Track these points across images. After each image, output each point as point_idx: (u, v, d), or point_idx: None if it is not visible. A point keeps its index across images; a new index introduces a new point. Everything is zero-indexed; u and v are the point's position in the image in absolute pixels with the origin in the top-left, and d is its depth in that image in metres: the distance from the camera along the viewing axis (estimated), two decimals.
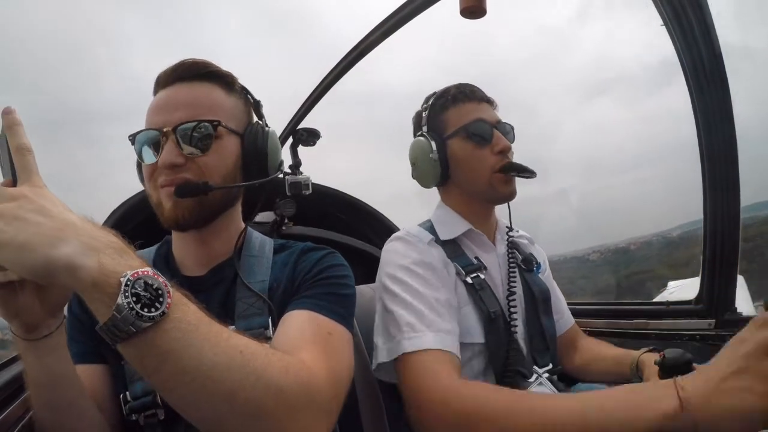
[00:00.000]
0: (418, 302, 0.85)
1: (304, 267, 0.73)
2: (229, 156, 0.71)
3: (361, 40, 1.30)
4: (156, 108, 0.70)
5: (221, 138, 0.70)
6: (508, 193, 0.99)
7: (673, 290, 2.32)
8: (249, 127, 0.75)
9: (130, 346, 0.42)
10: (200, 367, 0.44)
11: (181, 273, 0.75)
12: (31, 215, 0.41)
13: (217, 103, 0.72)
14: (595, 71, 49.75)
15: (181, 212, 0.68)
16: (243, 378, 0.46)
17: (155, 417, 0.66)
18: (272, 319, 0.68)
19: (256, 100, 0.80)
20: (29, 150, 0.47)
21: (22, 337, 0.52)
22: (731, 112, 1.09)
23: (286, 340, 0.60)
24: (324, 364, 0.56)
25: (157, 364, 0.43)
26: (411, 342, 0.81)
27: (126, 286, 0.41)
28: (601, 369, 1.07)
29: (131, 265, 0.43)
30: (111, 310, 0.40)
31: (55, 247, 0.40)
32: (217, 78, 0.74)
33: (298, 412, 0.50)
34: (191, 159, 0.68)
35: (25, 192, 0.43)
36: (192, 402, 0.46)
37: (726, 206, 1.15)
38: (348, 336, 0.67)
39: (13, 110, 0.47)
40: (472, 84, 1.04)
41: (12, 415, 0.77)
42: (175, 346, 0.43)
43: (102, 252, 0.42)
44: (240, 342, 0.48)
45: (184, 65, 0.72)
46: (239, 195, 0.78)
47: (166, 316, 0.43)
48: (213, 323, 0.47)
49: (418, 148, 1.02)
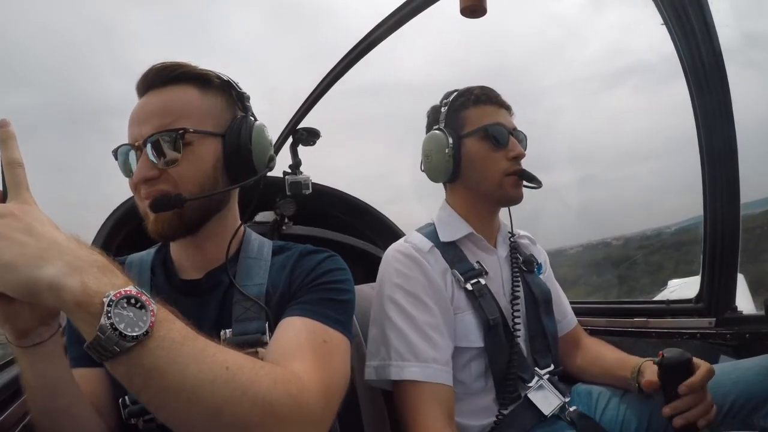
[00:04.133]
0: (410, 329, 0.88)
1: (302, 271, 0.72)
2: (205, 161, 0.68)
3: (362, 39, 1.29)
4: (130, 121, 0.69)
5: (192, 144, 0.67)
6: (516, 196, 1.01)
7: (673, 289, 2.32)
8: (231, 125, 0.71)
9: (117, 365, 0.42)
10: (185, 384, 0.44)
11: (179, 276, 0.75)
12: (18, 234, 0.41)
13: (188, 107, 0.68)
14: (609, 61, 48.78)
15: (161, 226, 0.67)
16: (229, 393, 0.46)
17: (154, 421, 0.66)
18: (269, 324, 0.68)
19: (241, 92, 0.75)
20: (20, 164, 0.47)
21: (14, 344, 0.52)
22: (731, 112, 1.09)
23: (280, 349, 0.60)
24: (316, 375, 0.56)
25: (143, 381, 0.43)
26: (398, 371, 0.86)
27: (109, 306, 0.41)
28: (602, 371, 1.07)
29: (114, 284, 0.43)
30: (95, 330, 0.41)
31: (39, 267, 0.40)
32: (190, 79, 0.70)
33: (287, 425, 0.50)
34: (165, 170, 0.66)
35: (12, 210, 0.43)
36: (179, 418, 0.46)
37: (726, 205, 1.15)
38: (345, 343, 0.66)
39: (8, 123, 0.48)
40: (493, 88, 1.06)
41: (12, 416, 0.77)
42: (160, 363, 0.43)
43: (85, 272, 0.42)
44: (227, 357, 0.48)
45: (152, 72, 0.69)
46: (228, 198, 0.75)
47: (149, 335, 0.43)
48: (198, 339, 0.47)
49: (434, 141, 1.02)
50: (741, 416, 0.84)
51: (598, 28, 35.08)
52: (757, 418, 0.82)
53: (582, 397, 1.06)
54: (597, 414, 1.00)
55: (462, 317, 0.93)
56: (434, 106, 1.09)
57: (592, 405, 1.03)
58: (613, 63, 31.14)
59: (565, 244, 3.13)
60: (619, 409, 0.98)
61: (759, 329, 1.11)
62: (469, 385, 0.93)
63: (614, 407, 0.99)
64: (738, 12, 1.13)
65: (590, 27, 32.94)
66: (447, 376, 0.87)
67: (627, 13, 3.42)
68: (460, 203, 1.06)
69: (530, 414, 0.93)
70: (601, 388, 1.05)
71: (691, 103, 1.14)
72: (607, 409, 1.00)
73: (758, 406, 0.83)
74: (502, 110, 1.03)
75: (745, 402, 0.84)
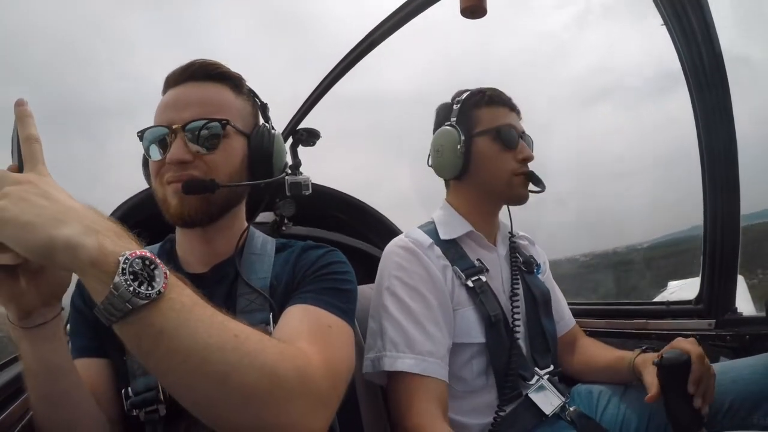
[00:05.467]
0: (407, 321, 0.88)
1: (305, 264, 0.73)
2: (236, 155, 0.72)
3: (360, 41, 1.30)
4: (165, 106, 0.71)
5: (229, 137, 0.71)
6: (523, 195, 1.03)
7: (673, 290, 2.31)
8: (256, 129, 0.76)
9: (126, 325, 0.43)
10: (194, 347, 0.44)
11: (184, 270, 0.76)
12: (36, 198, 0.42)
13: (226, 103, 0.73)
14: (593, 77, 49.22)
15: (187, 209, 0.69)
16: (237, 360, 0.46)
17: (156, 413, 0.66)
18: (273, 315, 0.68)
19: (263, 102, 0.81)
20: (37, 140, 0.49)
21: (16, 324, 0.53)
22: (731, 112, 1.09)
23: (285, 332, 0.60)
24: (321, 354, 0.56)
25: (152, 343, 0.43)
26: (391, 361, 0.86)
27: (124, 265, 0.42)
28: (599, 370, 1.07)
29: (129, 247, 0.44)
30: (108, 287, 0.41)
31: (56, 227, 0.41)
32: (227, 79, 0.75)
33: (293, 398, 0.49)
34: (199, 156, 0.68)
35: (30, 178, 0.45)
36: (186, 384, 0.46)
37: (726, 206, 1.15)
38: (348, 330, 0.67)
39: (25, 102, 0.50)
40: (504, 92, 1.07)
41: (12, 416, 0.77)
42: (170, 325, 0.43)
43: (102, 234, 0.43)
44: (235, 326, 0.49)
45: (195, 65, 0.73)
46: (244, 194, 0.79)
47: (161, 295, 0.43)
48: (208, 306, 0.48)
49: (446, 137, 1.03)
50: (739, 415, 0.84)
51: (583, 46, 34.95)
52: (755, 417, 0.82)
53: (582, 397, 1.06)
54: (597, 413, 1.00)
55: (463, 313, 0.93)
56: (445, 103, 1.10)
57: (593, 404, 1.03)
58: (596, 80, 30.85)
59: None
60: (619, 408, 0.98)
61: (759, 331, 1.11)
62: (470, 383, 0.93)
63: (614, 406, 0.99)
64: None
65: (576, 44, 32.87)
66: (442, 371, 0.87)
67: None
68: (463, 201, 1.06)
69: (531, 413, 0.93)
70: (601, 387, 1.05)
71: (691, 103, 1.14)
72: (608, 409, 1.00)
73: (756, 404, 0.83)
74: (513, 113, 1.05)
75: (744, 401, 0.84)
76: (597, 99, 31.95)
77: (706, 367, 0.84)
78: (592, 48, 23.56)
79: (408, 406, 0.84)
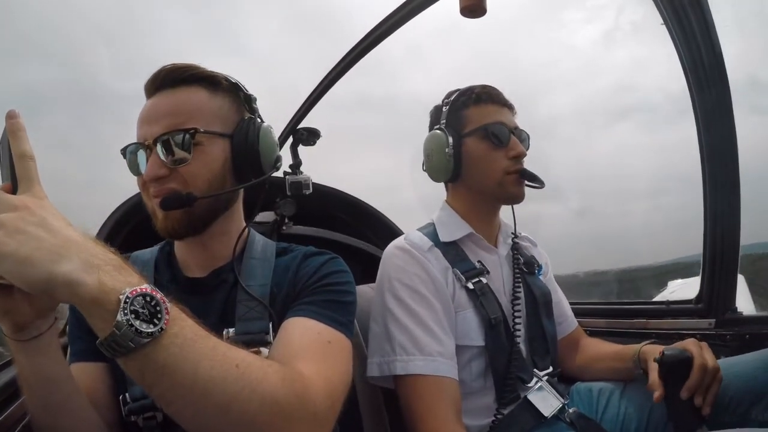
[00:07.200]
0: (413, 323, 0.88)
1: (305, 272, 0.73)
2: (215, 161, 0.70)
3: (362, 39, 1.29)
4: (139, 120, 0.70)
5: (202, 144, 0.68)
6: (517, 194, 1.01)
7: (673, 290, 2.31)
8: (238, 127, 0.72)
9: (130, 361, 0.43)
10: (196, 381, 0.45)
11: (183, 274, 0.76)
12: (33, 228, 0.41)
13: (198, 108, 0.70)
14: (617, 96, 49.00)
15: (171, 223, 0.68)
16: (238, 391, 0.47)
17: (154, 419, 0.66)
18: (273, 324, 0.68)
19: (248, 95, 0.77)
20: (32, 157, 0.47)
21: (11, 338, 0.53)
22: (731, 112, 1.09)
23: (285, 349, 0.60)
24: (321, 374, 0.57)
25: (155, 378, 0.44)
26: (403, 365, 0.86)
27: (125, 303, 0.42)
28: (603, 366, 1.07)
29: (130, 282, 0.44)
30: (111, 326, 0.41)
31: (55, 263, 0.40)
32: (199, 81, 0.72)
33: (293, 423, 0.51)
34: (175, 170, 0.67)
35: (26, 202, 0.43)
36: (189, 414, 0.47)
37: (726, 206, 1.15)
38: (347, 344, 0.67)
39: (18, 114, 0.47)
40: (495, 87, 1.05)
41: (12, 416, 0.77)
42: (173, 360, 0.44)
43: (101, 269, 0.42)
44: (237, 355, 0.49)
45: (162, 72, 0.70)
46: (235, 198, 0.77)
47: (164, 332, 0.44)
48: (210, 337, 0.48)
49: (434, 141, 1.02)
50: (740, 410, 0.84)
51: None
52: (755, 412, 0.82)
53: (582, 396, 1.06)
54: (598, 411, 1.00)
55: (463, 315, 0.93)
56: (436, 105, 1.09)
57: (593, 403, 1.03)
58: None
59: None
60: (619, 405, 0.98)
61: (759, 330, 1.11)
62: (469, 384, 0.92)
63: (615, 404, 0.99)
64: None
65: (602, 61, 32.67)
66: (453, 370, 0.87)
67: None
68: (461, 203, 1.06)
69: (529, 415, 0.93)
70: (601, 384, 1.05)
71: (691, 103, 1.13)
72: (608, 406, 1.00)
73: (756, 399, 0.82)
74: (503, 109, 1.03)
75: (744, 396, 0.84)
76: (622, 116, 31.53)
77: (709, 369, 0.83)
78: (617, 66, 23.29)
79: (424, 409, 0.84)
